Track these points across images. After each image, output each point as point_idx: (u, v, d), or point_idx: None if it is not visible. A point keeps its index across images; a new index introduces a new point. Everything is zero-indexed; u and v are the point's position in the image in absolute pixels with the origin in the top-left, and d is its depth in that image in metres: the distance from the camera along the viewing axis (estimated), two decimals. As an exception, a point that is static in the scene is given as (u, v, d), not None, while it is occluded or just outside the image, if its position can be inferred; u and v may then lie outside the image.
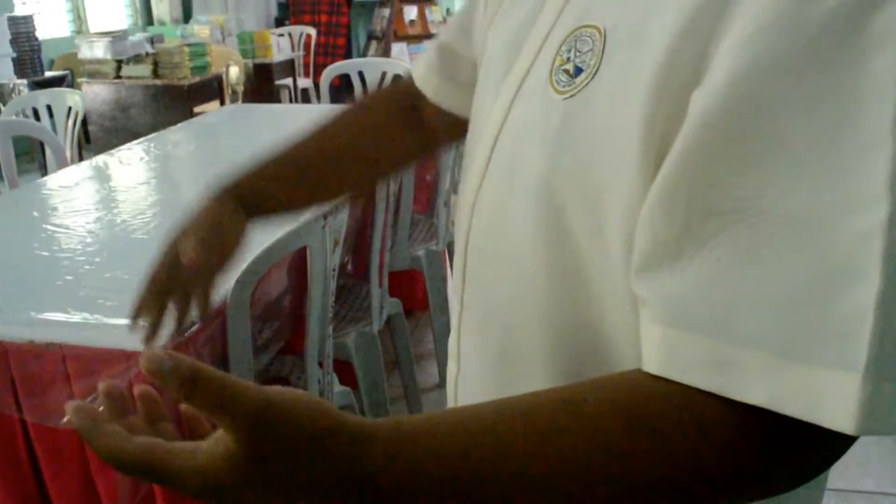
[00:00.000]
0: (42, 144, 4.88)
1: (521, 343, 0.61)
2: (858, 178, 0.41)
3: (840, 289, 0.40)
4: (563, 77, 0.55)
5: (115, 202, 2.08)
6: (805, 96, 0.42)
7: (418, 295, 2.71)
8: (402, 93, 0.89)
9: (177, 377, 0.40)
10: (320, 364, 1.66)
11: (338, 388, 1.80)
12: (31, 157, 5.02)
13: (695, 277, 0.44)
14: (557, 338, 0.58)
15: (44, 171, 4.94)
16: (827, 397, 0.40)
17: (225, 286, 1.42)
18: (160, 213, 2.03)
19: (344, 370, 1.89)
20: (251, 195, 0.83)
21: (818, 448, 0.43)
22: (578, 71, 0.54)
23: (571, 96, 0.53)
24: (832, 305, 0.40)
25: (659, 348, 0.45)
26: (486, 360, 0.66)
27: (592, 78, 0.52)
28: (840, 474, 2.12)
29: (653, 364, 0.45)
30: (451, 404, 0.75)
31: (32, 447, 1.36)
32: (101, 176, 2.38)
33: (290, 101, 6.19)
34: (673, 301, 0.45)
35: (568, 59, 0.55)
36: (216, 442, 0.43)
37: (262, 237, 1.67)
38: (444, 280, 2.61)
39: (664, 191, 0.46)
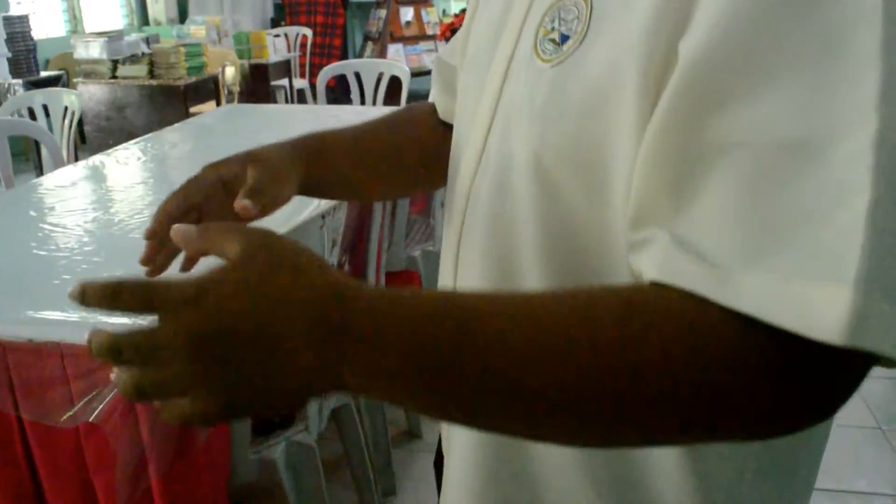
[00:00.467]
0: (37, 144, 4.88)
1: None
2: (847, 101, 0.42)
3: (832, 207, 0.41)
4: (549, 46, 0.56)
5: (112, 202, 2.08)
6: (789, 25, 0.43)
7: (414, 295, 2.71)
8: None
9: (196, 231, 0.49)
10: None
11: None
12: (26, 156, 5.01)
13: (695, 209, 0.45)
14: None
15: (39, 171, 4.93)
16: (817, 309, 0.40)
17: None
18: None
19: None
20: (309, 154, 0.77)
21: (816, 374, 0.43)
22: (565, 38, 0.54)
23: (560, 62, 0.54)
24: (825, 223, 0.41)
25: (662, 266, 0.46)
26: None
27: (581, 43, 0.53)
28: (833, 475, 2.13)
29: (653, 272, 0.46)
30: None
31: (29, 447, 1.36)
32: (98, 176, 2.38)
33: (286, 101, 6.18)
34: (675, 232, 0.46)
35: (552, 28, 0.56)
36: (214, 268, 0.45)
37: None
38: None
39: (660, 133, 0.47)
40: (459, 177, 0.67)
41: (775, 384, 0.43)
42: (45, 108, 3.18)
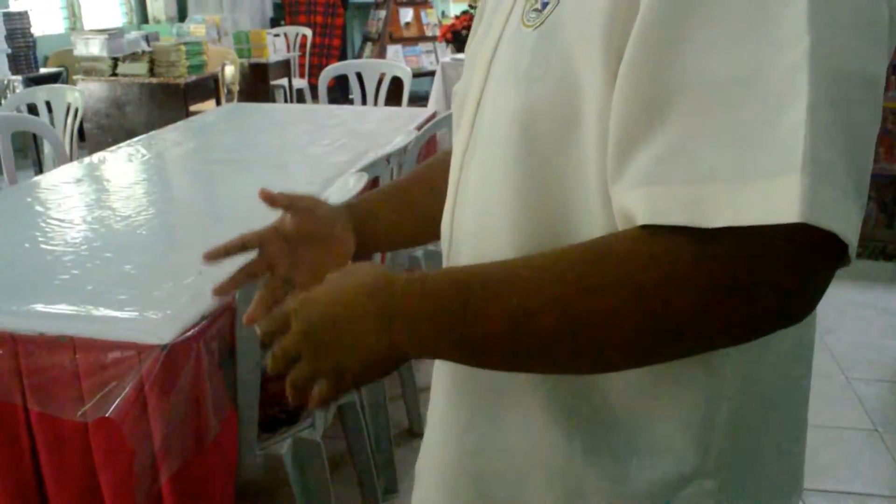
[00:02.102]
0: (36, 141, 4.88)
1: (494, 251, 0.67)
2: (781, 25, 0.49)
3: (777, 114, 0.48)
4: (533, 14, 0.63)
5: (118, 199, 2.09)
6: None
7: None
8: None
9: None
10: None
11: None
12: (25, 153, 5.01)
13: (666, 139, 0.51)
14: (527, 244, 0.65)
15: (38, 167, 4.93)
16: (774, 200, 0.47)
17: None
18: (163, 209, 2.04)
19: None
20: (363, 216, 0.90)
21: (787, 264, 0.49)
22: (545, 5, 0.62)
23: (541, 24, 0.62)
24: (771, 128, 0.48)
25: (643, 204, 0.52)
26: None
27: (557, 5, 0.61)
28: (830, 476, 2.15)
29: (638, 218, 0.52)
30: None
31: (35, 442, 1.36)
32: (103, 173, 2.39)
33: (285, 101, 6.19)
34: (647, 166, 0.52)
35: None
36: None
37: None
38: (441, 280, 2.63)
39: (626, 76, 0.53)
40: (455, 155, 0.74)
41: (747, 281, 0.50)
42: (48, 104, 3.18)
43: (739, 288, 0.50)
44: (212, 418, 1.34)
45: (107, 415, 1.23)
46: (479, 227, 0.69)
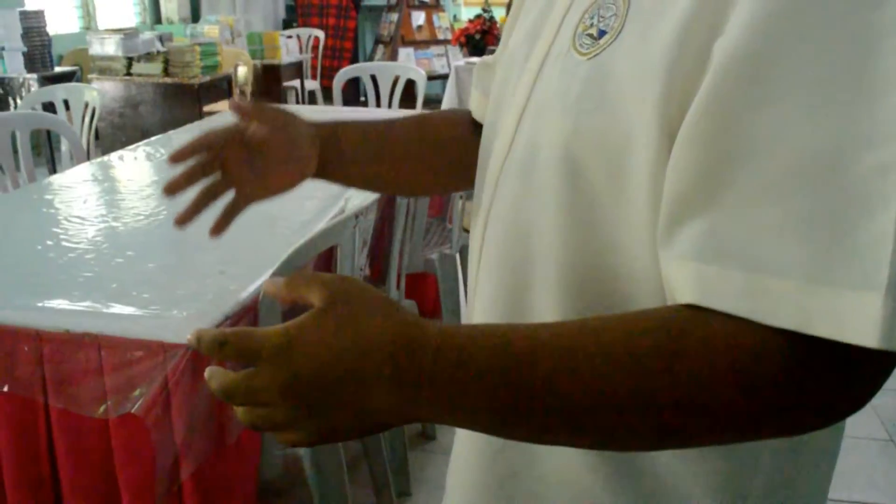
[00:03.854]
0: (50, 139, 4.90)
1: (535, 298, 0.64)
2: (873, 117, 0.44)
3: (861, 217, 0.43)
4: (587, 40, 0.58)
5: (138, 197, 2.10)
6: (820, 39, 0.45)
7: (429, 299, 2.73)
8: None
9: (284, 282, 0.52)
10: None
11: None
12: (39, 151, 5.03)
13: (724, 215, 0.47)
14: (571, 293, 0.61)
15: (52, 165, 4.95)
16: (851, 316, 0.42)
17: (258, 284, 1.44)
18: (186, 205, 2.05)
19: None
20: (332, 146, 0.81)
21: (849, 373, 0.45)
22: (602, 33, 0.57)
23: (595, 55, 0.57)
24: (853, 232, 0.43)
25: (693, 282, 0.48)
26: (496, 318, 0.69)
27: (616, 38, 0.56)
28: (845, 486, 2.14)
29: (688, 296, 0.48)
30: None
31: (52, 437, 1.37)
32: (123, 171, 2.40)
33: (297, 102, 6.20)
34: (704, 239, 0.48)
35: (591, 24, 0.59)
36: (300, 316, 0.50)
37: (294, 237, 1.70)
38: (456, 283, 2.64)
39: (688, 139, 0.49)
40: (490, 167, 0.70)
41: (813, 387, 0.46)
42: (65, 102, 3.20)
43: (799, 390, 0.46)
44: (235, 418, 1.34)
45: (133, 411, 1.23)
46: (513, 249, 0.66)
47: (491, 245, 0.69)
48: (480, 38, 4.83)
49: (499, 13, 5.14)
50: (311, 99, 6.46)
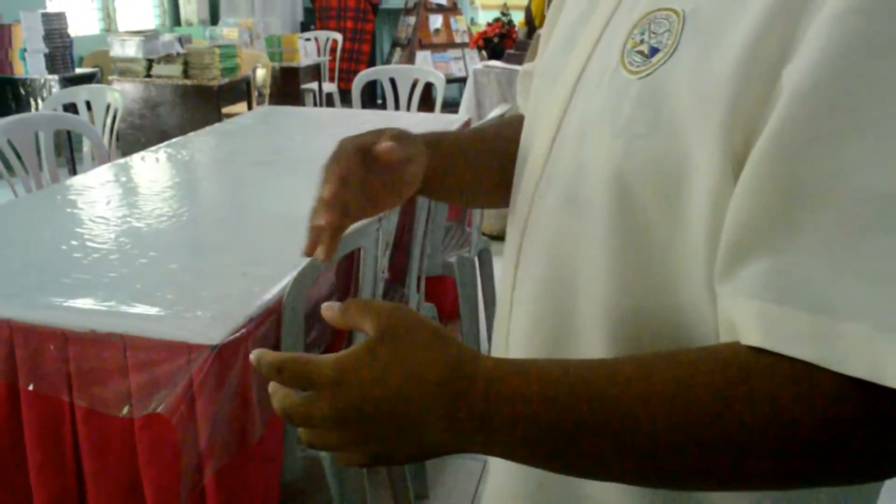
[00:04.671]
0: (71, 140, 4.94)
1: (580, 333, 0.61)
2: None
3: None
4: (637, 58, 0.55)
5: (161, 198, 2.10)
6: None
7: (448, 302, 2.73)
8: None
9: (338, 309, 0.53)
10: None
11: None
12: (59, 151, 5.07)
13: (793, 255, 0.45)
14: (617, 325, 0.58)
15: (72, 166, 4.99)
16: None
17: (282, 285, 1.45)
18: (207, 210, 2.06)
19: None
20: (432, 144, 0.74)
21: None
22: (654, 51, 0.54)
23: (648, 75, 0.53)
24: None
25: (758, 322, 0.46)
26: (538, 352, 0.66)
27: (670, 56, 0.52)
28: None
29: (752, 337, 0.46)
30: None
31: (77, 441, 1.38)
32: (145, 172, 2.41)
33: (315, 104, 6.23)
34: (771, 278, 0.45)
35: (641, 40, 0.55)
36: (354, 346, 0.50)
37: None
38: (475, 287, 2.63)
39: (758, 170, 0.46)
40: (524, 181, 0.67)
41: (883, 438, 0.44)
42: (87, 104, 3.23)
43: (868, 440, 0.44)
44: (258, 419, 1.34)
45: (159, 410, 1.24)
46: (553, 278, 0.63)
47: (528, 270, 0.66)
48: (499, 42, 4.83)
49: (517, 17, 5.13)
50: (329, 101, 6.49)
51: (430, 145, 0.72)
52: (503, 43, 4.83)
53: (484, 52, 5.14)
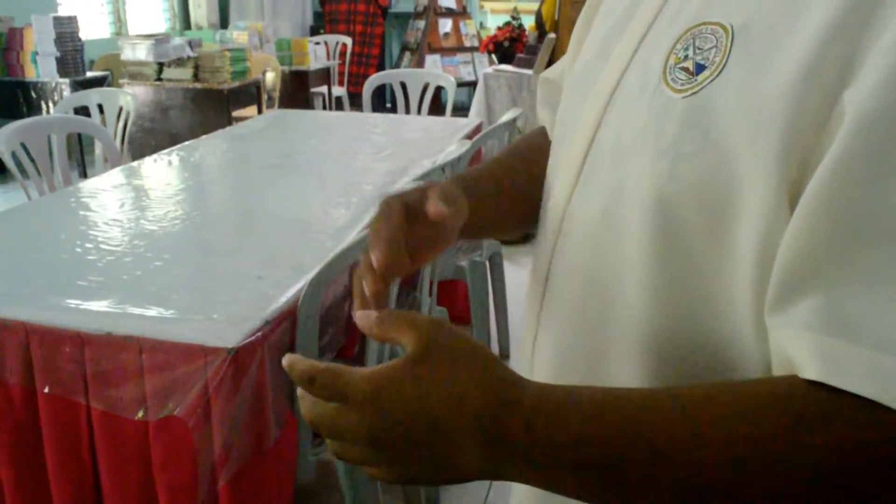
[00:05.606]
0: (81, 143, 4.96)
1: (612, 363, 0.58)
2: None
3: None
4: (682, 75, 0.52)
5: (174, 201, 2.11)
6: None
7: (459, 306, 2.72)
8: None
9: (375, 319, 0.51)
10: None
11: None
12: (69, 154, 5.09)
13: (855, 289, 0.43)
14: (654, 354, 0.55)
15: (82, 169, 5.01)
16: None
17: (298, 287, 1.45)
18: (221, 213, 2.07)
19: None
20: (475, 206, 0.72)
21: None
22: (700, 68, 0.51)
23: (693, 93, 0.51)
24: None
25: (816, 355, 0.44)
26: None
27: (719, 74, 0.50)
28: None
29: (809, 370, 0.44)
30: None
31: (94, 442, 1.38)
32: (158, 175, 2.42)
33: (324, 108, 6.24)
34: (825, 311, 0.44)
35: (686, 56, 0.52)
36: (391, 361, 0.47)
37: (330, 243, 1.70)
38: (486, 291, 2.63)
39: (817, 200, 0.44)
40: (553, 196, 0.65)
41: None
42: (100, 107, 3.24)
43: None
44: (272, 423, 1.34)
45: (175, 413, 1.24)
46: (587, 305, 0.60)
47: (558, 291, 0.64)
48: (509, 46, 4.84)
49: (528, 21, 5.13)
50: (339, 105, 6.50)
51: (467, 192, 0.68)
52: (514, 47, 4.83)
53: (493, 57, 5.14)
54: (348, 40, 6.96)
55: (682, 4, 0.55)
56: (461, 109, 5.64)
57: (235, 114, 4.91)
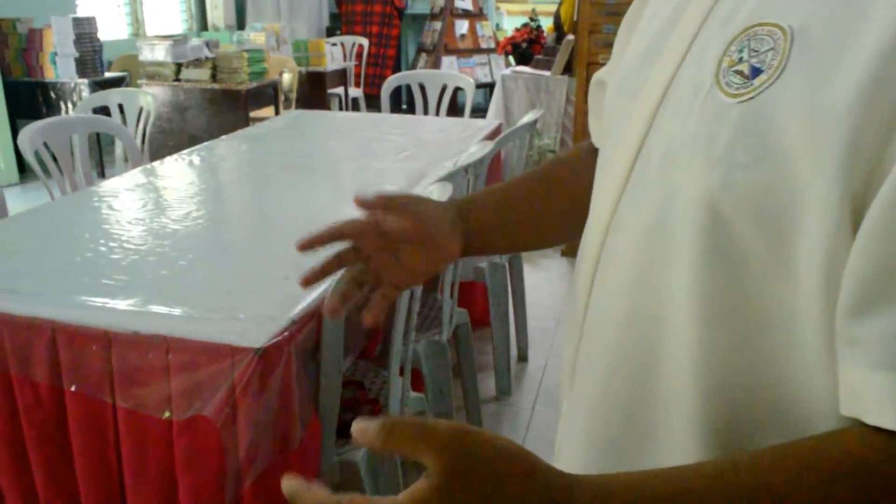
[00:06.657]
0: (99, 143, 4.99)
1: (660, 391, 0.56)
2: None
3: None
4: (736, 79, 0.49)
5: (197, 201, 2.11)
6: None
7: (478, 307, 2.72)
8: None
9: (378, 430, 0.43)
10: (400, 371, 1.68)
11: (412, 394, 1.81)
12: (89, 153, 5.12)
13: None
14: (709, 387, 0.52)
15: (100, 169, 5.04)
16: None
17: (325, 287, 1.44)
18: (246, 213, 2.07)
19: (412, 378, 1.91)
20: (473, 218, 0.78)
21: None
22: (756, 72, 0.48)
23: (750, 98, 0.48)
24: None
25: (888, 398, 0.41)
26: (606, 415, 0.61)
27: (777, 78, 0.47)
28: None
29: (885, 419, 0.41)
30: (559, 436, 0.71)
31: (119, 440, 1.38)
32: (179, 175, 2.42)
33: (340, 109, 6.25)
34: None
35: (740, 59, 0.50)
36: (416, 484, 0.43)
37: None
38: (505, 292, 2.63)
39: (883, 217, 0.42)
40: (599, 202, 0.63)
41: None
42: (120, 107, 3.25)
43: None
44: (297, 423, 1.34)
45: (203, 413, 1.24)
46: (632, 329, 0.57)
47: (602, 301, 0.61)
48: (527, 47, 4.83)
49: (546, 22, 5.12)
50: (355, 106, 6.51)
51: (462, 211, 0.76)
52: (531, 48, 4.82)
53: (510, 58, 5.14)
54: (365, 41, 6.97)
55: (736, 4, 0.53)
56: (477, 111, 5.64)
57: (253, 114, 4.93)
